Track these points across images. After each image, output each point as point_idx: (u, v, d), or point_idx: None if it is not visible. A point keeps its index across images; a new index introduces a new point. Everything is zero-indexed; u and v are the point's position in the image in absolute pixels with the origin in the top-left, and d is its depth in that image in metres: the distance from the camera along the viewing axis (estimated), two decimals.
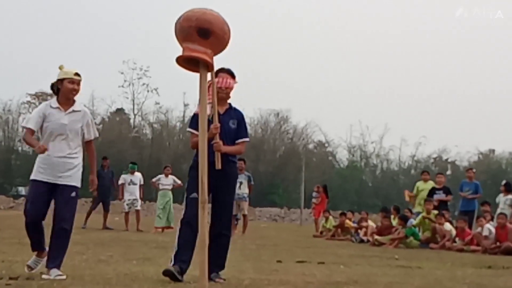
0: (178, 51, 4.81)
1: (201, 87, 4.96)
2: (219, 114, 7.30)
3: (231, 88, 7.54)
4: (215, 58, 5.09)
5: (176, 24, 4.87)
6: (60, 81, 8.07)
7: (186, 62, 4.88)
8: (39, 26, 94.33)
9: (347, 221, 23.22)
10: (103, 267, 8.56)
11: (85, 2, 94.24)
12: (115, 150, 67.29)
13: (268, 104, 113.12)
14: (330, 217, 25.33)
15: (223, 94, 7.42)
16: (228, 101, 7.66)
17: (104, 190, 21.95)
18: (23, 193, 62.94)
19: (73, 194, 7.97)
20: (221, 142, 7.21)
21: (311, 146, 78.52)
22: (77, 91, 8.13)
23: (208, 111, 6.72)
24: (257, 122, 75.45)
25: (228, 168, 7.48)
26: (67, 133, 7.88)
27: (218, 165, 7.09)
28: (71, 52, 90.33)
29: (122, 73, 72.34)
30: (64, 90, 8.04)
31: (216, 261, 7.32)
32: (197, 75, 5.03)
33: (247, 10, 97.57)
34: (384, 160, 78.81)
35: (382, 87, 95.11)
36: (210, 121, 6.97)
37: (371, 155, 78.39)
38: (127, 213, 22.22)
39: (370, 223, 21.86)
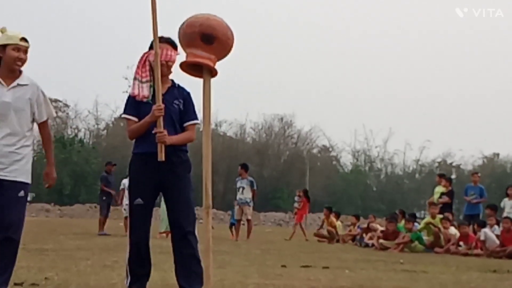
0: (182, 55, 4.84)
1: (204, 93, 4.97)
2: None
3: (173, 62, 6.07)
4: (218, 63, 5.08)
5: (179, 30, 4.89)
6: (2, 47, 6.26)
7: (190, 67, 4.89)
8: (41, 32, 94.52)
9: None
10: (108, 272, 8.57)
11: (88, 7, 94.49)
12: (119, 155, 67.32)
13: (272, 109, 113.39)
14: (337, 220, 25.47)
15: (164, 69, 6.03)
16: (170, 77, 6.27)
17: (112, 195, 22.06)
18: (28, 198, 62.93)
19: (21, 193, 6.30)
20: (165, 132, 5.93)
21: (315, 150, 78.62)
22: (23, 61, 6.34)
23: (146, 92, 6.01)
24: (262, 127, 75.57)
25: (176, 158, 6.12)
26: (11, 114, 6.28)
27: (161, 156, 5.93)
28: (74, 58, 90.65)
29: (126, 78, 72.30)
30: (7, 60, 6.24)
31: (186, 273, 6.11)
32: (201, 80, 5.05)
33: (251, 15, 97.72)
34: (388, 164, 78.93)
35: (386, 91, 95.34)
36: (149, 104, 6.00)
37: (375, 159, 78.48)
38: (126, 218, 22.10)
39: (378, 226, 21.86)
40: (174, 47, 6.10)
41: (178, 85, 6.29)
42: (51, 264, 9.43)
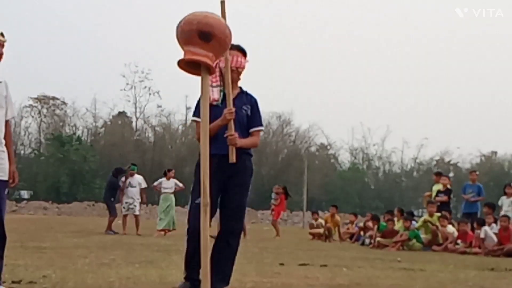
0: (180, 54, 4.83)
1: (202, 91, 4.96)
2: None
3: (243, 68, 6.45)
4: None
5: (177, 27, 4.87)
6: None
7: (188, 65, 4.88)
8: (40, 30, 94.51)
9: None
10: (106, 270, 8.56)
11: (86, 6, 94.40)
12: (117, 153, 67.44)
13: (270, 106, 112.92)
14: (321, 220, 25.46)
15: (234, 75, 6.32)
16: (239, 84, 6.55)
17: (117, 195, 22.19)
18: (26, 196, 62.99)
19: (6, 191, 6.18)
20: (236, 134, 6.17)
21: (313, 148, 78.64)
22: (1, 56, 6.15)
23: (216, 96, 6.16)
24: None
25: (243, 162, 6.40)
26: None
27: (233, 158, 6.17)
28: (72, 56, 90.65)
29: (124, 76, 72.56)
30: None
31: (218, 275, 6.21)
32: (199, 78, 5.05)
33: (249, 13, 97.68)
34: (386, 162, 78.94)
35: (384, 89, 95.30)
36: (219, 108, 6.16)
37: (373, 157, 78.50)
38: (124, 216, 22.10)
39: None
40: (244, 54, 6.51)
41: (246, 91, 6.60)
42: (49, 262, 9.42)
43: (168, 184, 21.69)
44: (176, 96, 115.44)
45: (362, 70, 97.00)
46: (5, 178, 6.18)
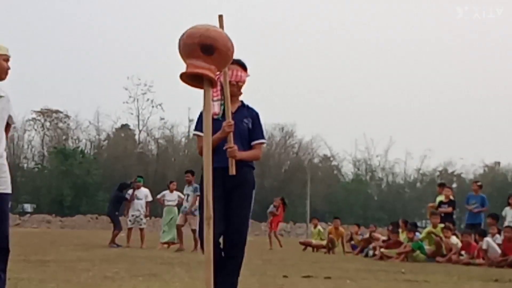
0: (182, 66, 4.83)
1: (205, 104, 4.96)
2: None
3: (243, 82, 6.55)
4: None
5: (179, 40, 4.88)
6: None
7: (190, 78, 4.88)
8: (43, 43, 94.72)
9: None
10: (109, 283, 8.55)
11: (89, 19, 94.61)
12: (120, 166, 67.47)
13: (273, 118, 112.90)
14: (319, 227, 25.53)
15: (234, 89, 6.41)
16: (240, 98, 6.66)
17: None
18: (29, 210, 63.00)
19: (9, 204, 6.25)
20: (236, 147, 6.22)
21: (316, 160, 78.56)
22: (7, 70, 6.30)
23: (216, 109, 6.22)
24: None
25: (243, 174, 6.44)
26: None
27: (232, 171, 6.21)
28: (75, 69, 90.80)
29: (126, 89, 72.65)
30: None
31: (223, 283, 6.20)
32: (202, 91, 5.05)
33: (252, 24, 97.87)
34: (389, 173, 78.87)
35: (386, 100, 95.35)
36: (219, 121, 6.19)
37: (377, 168, 78.41)
38: (129, 229, 22.08)
39: (380, 236, 21.82)
40: (244, 68, 6.56)
41: (248, 105, 6.69)
42: (52, 275, 9.42)
43: (172, 197, 21.66)
44: (179, 109, 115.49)
45: (364, 81, 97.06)
46: (8, 191, 6.19)
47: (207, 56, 4.76)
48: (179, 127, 74.61)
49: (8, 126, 6.39)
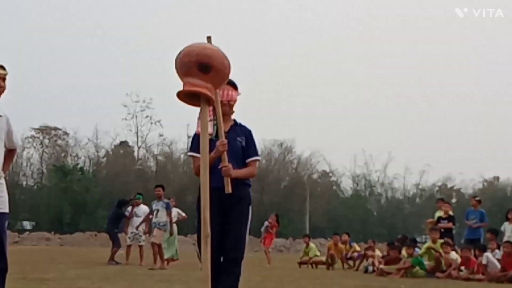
0: (180, 84, 4.87)
1: (202, 122, 4.99)
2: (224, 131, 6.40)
3: (235, 101, 6.64)
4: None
5: (176, 59, 4.91)
6: None
7: (187, 96, 4.91)
8: (42, 61, 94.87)
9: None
10: None
11: (87, 35, 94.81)
12: (120, 182, 67.41)
13: (271, 134, 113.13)
14: (312, 244, 25.51)
15: (226, 108, 6.50)
16: (232, 116, 6.76)
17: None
18: (28, 227, 62.87)
19: (6, 223, 6.24)
20: (230, 166, 6.27)
21: (315, 176, 78.53)
22: (3, 89, 6.22)
23: (210, 129, 6.10)
24: (261, 153, 75.36)
25: (239, 192, 6.48)
26: None
27: (228, 189, 6.24)
28: (74, 86, 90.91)
29: (125, 105, 72.66)
30: None
31: None
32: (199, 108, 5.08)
33: (251, 40, 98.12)
34: (388, 189, 78.87)
35: (385, 116, 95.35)
36: (213, 141, 6.15)
37: (376, 184, 78.40)
38: (129, 246, 22.02)
39: (377, 252, 21.78)
40: (235, 87, 6.63)
41: (240, 123, 6.76)
42: None
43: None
44: (178, 125, 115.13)
45: (363, 97, 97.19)
46: (5, 210, 6.21)
47: (204, 74, 4.79)
48: (178, 144, 74.69)
49: (12, 151, 6.49)
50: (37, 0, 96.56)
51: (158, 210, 19.32)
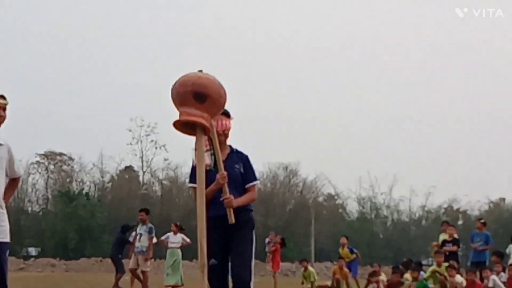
0: (176, 115, 4.89)
1: (198, 150, 5.00)
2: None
3: (229, 129, 6.76)
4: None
5: (172, 89, 4.94)
6: None
7: (183, 126, 4.94)
8: (46, 86, 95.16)
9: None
10: None
11: (91, 60, 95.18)
12: (125, 208, 67.38)
13: (276, 157, 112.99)
14: (310, 268, 25.44)
15: (221, 138, 6.62)
16: (228, 143, 6.89)
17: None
18: (33, 253, 62.79)
19: (7, 252, 6.21)
20: (232, 197, 6.40)
21: (320, 199, 78.43)
22: (3, 118, 6.19)
23: (208, 160, 6.32)
24: (266, 176, 75.43)
25: (242, 218, 6.63)
26: None
27: (232, 220, 6.39)
28: (78, 111, 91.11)
29: (130, 130, 72.71)
30: None
31: None
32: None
33: (255, 64, 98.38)
34: (394, 211, 78.65)
35: (390, 138, 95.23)
36: (212, 172, 6.31)
37: (381, 206, 78.19)
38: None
39: (382, 276, 21.69)
40: (228, 116, 6.74)
41: (236, 149, 6.92)
42: None
43: (175, 239, 21.51)
44: (183, 149, 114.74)
45: (367, 119, 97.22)
46: (7, 240, 6.18)
47: (199, 103, 4.82)
48: (183, 168, 74.58)
49: (15, 180, 6.49)
50: (41, 25, 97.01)
51: (141, 235, 19.10)
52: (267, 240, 25.58)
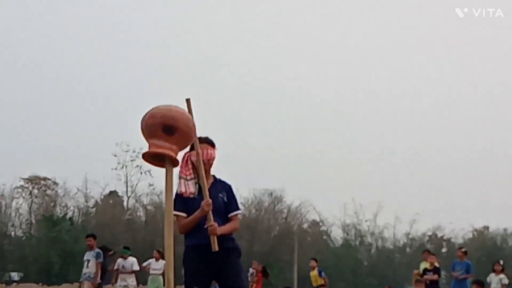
0: (145, 147, 4.92)
1: (167, 182, 5.03)
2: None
3: (213, 159, 6.87)
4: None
5: (142, 121, 4.97)
6: None
7: (153, 158, 4.97)
8: (31, 110, 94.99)
9: None
10: None
11: (77, 84, 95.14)
12: (109, 233, 67.01)
13: (261, 183, 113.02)
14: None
15: (206, 167, 6.75)
16: (212, 172, 6.98)
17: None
18: (16, 278, 62.33)
19: None
20: (216, 225, 6.44)
21: (305, 225, 78.36)
22: None
23: (192, 189, 6.51)
24: (251, 202, 75.42)
25: (226, 246, 6.64)
26: None
27: (215, 247, 6.42)
28: (64, 136, 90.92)
29: (115, 155, 72.58)
30: None
31: None
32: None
33: (240, 89, 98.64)
34: (379, 238, 78.74)
35: (375, 165, 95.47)
36: (196, 200, 6.50)
37: (366, 233, 78.25)
38: None
39: None
40: (212, 145, 6.91)
41: (220, 179, 7.00)
42: None
43: (157, 265, 21.45)
44: None
45: (352, 147, 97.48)
46: None
47: (168, 136, 4.86)
48: None
49: None
50: (27, 49, 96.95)
51: (88, 261, 18.37)
52: (250, 270, 25.49)
